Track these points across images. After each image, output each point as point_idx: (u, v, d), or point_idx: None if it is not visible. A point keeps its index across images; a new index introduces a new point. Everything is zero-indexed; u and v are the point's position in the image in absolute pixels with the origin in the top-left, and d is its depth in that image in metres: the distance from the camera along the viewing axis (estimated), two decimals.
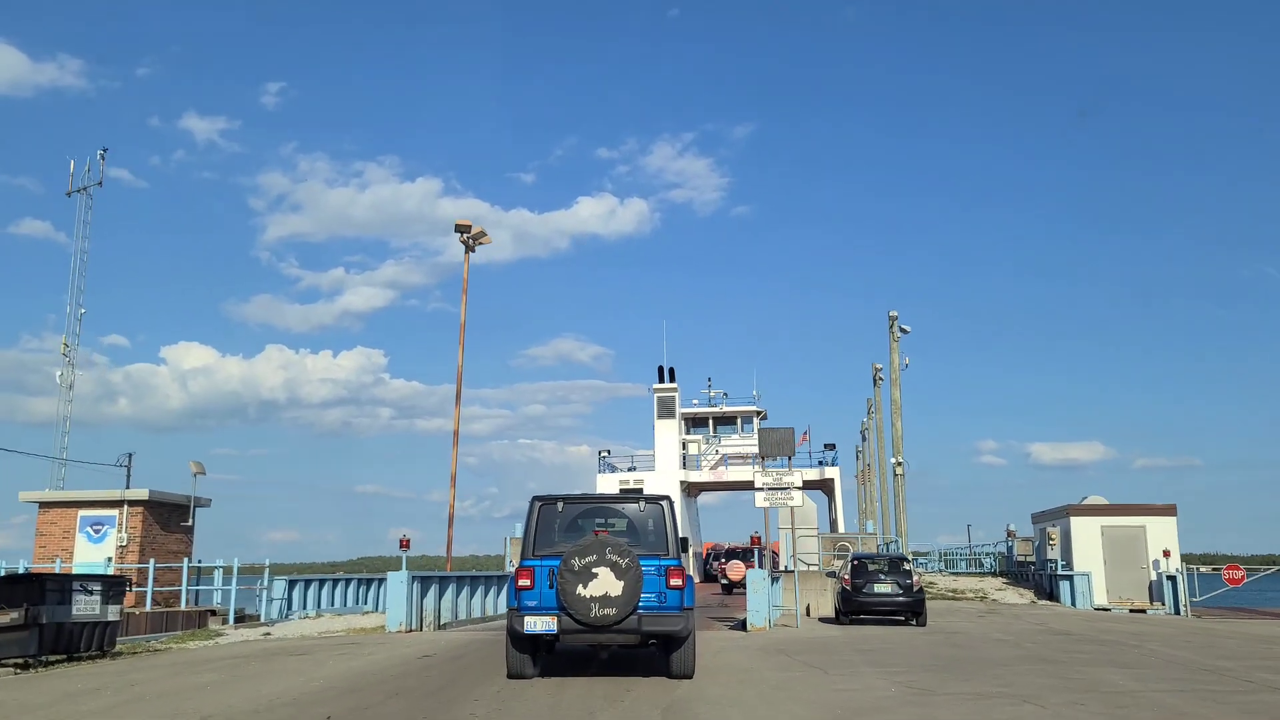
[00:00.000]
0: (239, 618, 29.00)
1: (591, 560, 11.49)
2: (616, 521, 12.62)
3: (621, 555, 11.52)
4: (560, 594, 11.53)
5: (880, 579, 24.14)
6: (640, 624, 11.63)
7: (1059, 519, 36.14)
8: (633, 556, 11.59)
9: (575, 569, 11.46)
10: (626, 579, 11.47)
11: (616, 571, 11.47)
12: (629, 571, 11.49)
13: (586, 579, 11.44)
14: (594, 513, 12.80)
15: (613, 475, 56.26)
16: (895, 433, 42.33)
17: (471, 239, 31.05)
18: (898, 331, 42.94)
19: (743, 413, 60.01)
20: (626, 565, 11.49)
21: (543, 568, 11.81)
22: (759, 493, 22.98)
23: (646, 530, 12.41)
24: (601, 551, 11.52)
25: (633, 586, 11.49)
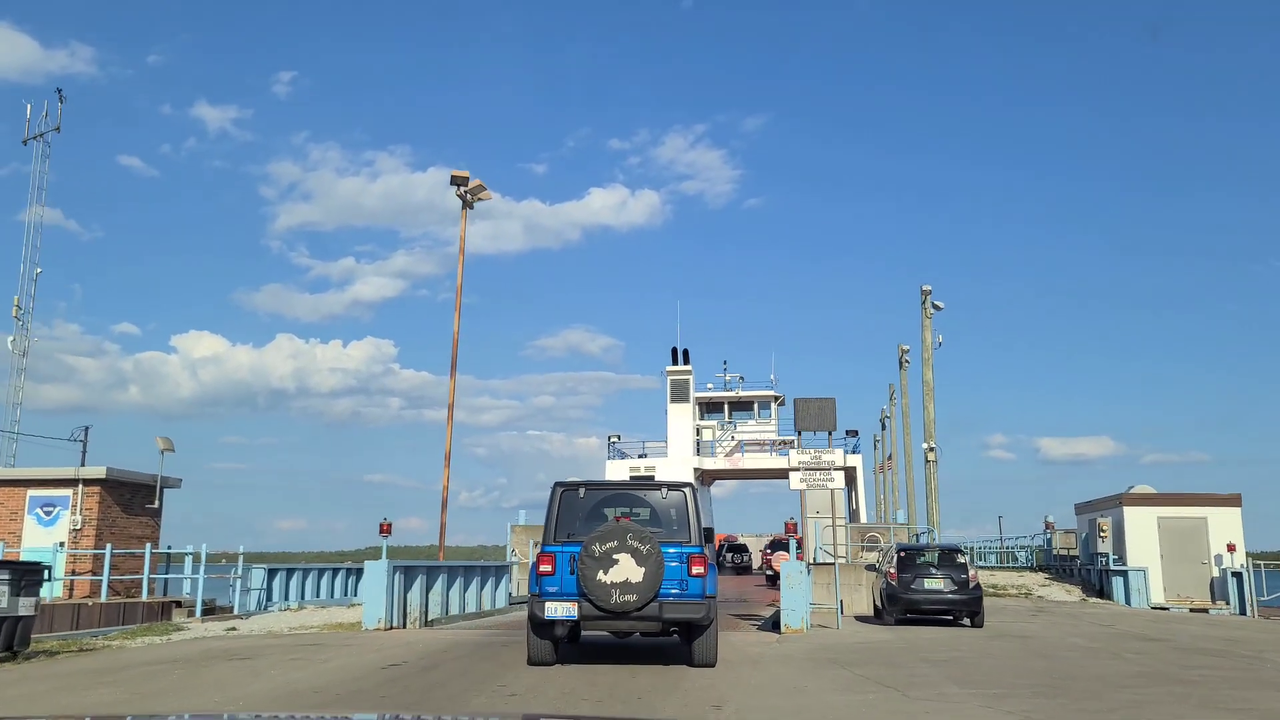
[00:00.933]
0: (208, 610, 25.93)
1: (613, 546, 11.26)
2: (639, 508, 12.35)
3: (643, 541, 11.25)
4: (581, 580, 11.33)
5: (931, 573, 20.91)
6: (661, 611, 11.38)
7: (1110, 509, 32.81)
8: (654, 542, 11.32)
9: (596, 555, 11.25)
10: (648, 565, 11.21)
11: (638, 558, 11.21)
12: (650, 558, 11.23)
13: (607, 565, 11.23)
14: (616, 499, 12.57)
15: (623, 462, 53.04)
16: (927, 416, 39.01)
17: (469, 193, 27.85)
18: (930, 308, 39.60)
19: (760, 398, 56.74)
20: (648, 551, 11.21)
21: (564, 554, 11.65)
22: (794, 473, 19.82)
23: (669, 517, 12.12)
24: (623, 537, 11.28)
25: (654, 573, 11.24)
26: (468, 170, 27.33)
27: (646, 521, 12.13)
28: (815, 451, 20.05)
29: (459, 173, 27.29)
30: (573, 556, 11.59)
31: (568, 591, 11.57)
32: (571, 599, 11.52)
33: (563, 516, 12.16)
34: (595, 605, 11.37)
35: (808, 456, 19.80)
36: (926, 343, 39.46)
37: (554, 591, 11.65)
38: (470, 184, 27.63)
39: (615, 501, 12.55)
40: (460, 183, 27.44)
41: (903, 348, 50.58)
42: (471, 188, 27.73)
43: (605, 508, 12.33)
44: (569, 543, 11.80)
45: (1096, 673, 12.53)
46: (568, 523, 12.11)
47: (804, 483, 19.80)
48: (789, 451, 19.41)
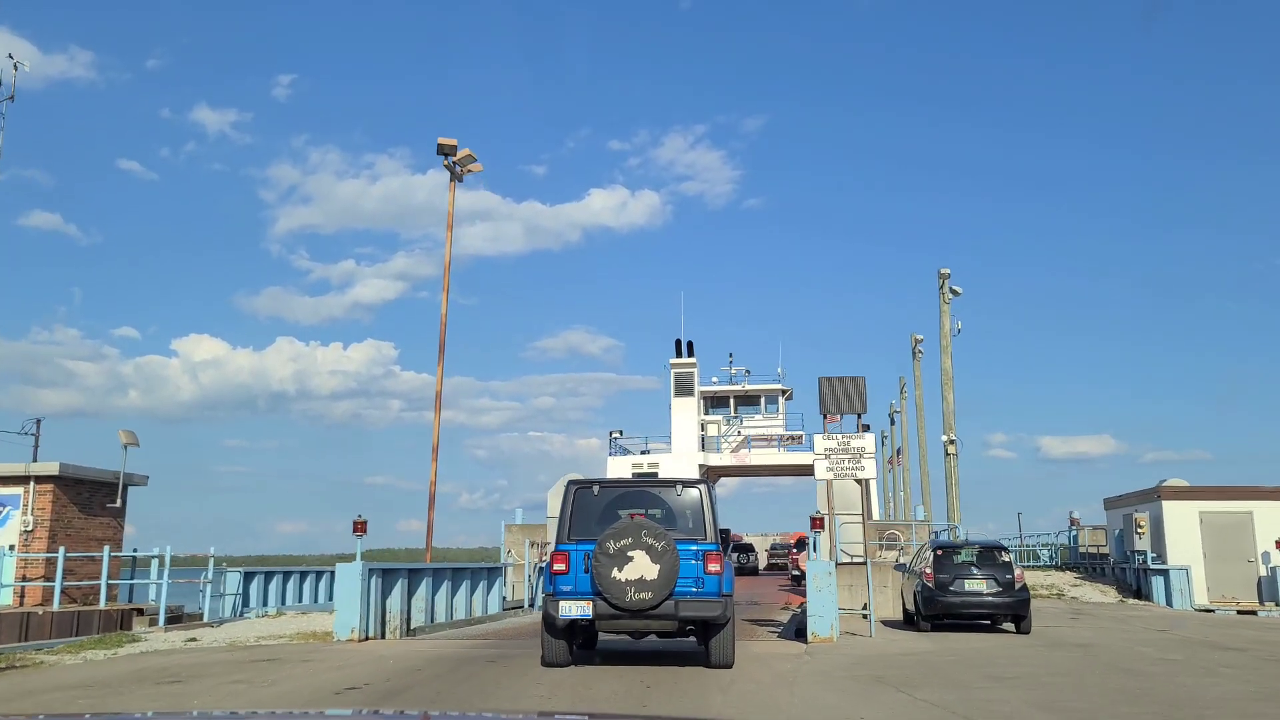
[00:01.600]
0: (174, 618, 23.66)
1: (627, 543, 11.05)
2: (653, 506, 12.06)
3: (657, 538, 11.04)
4: (595, 578, 11.12)
5: (972, 573, 18.60)
6: (677, 609, 11.17)
7: (1147, 503, 30.47)
8: (669, 540, 11.09)
9: (610, 552, 11.06)
10: (663, 563, 11.00)
11: (652, 555, 10.98)
12: (665, 555, 11.02)
13: (622, 562, 11.03)
14: (630, 497, 12.26)
15: (624, 459, 50.72)
16: (946, 406, 36.72)
17: (457, 163, 25.55)
18: (948, 292, 37.32)
19: (767, 391, 54.37)
20: (663, 548, 10.99)
21: (578, 552, 11.44)
22: (820, 461, 17.55)
23: (684, 515, 11.85)
24: (637, 534, 11.08)
25: (669, 570, 11.04)
26: (455, 140, 24.97)
27: (661, 519, 11.80)
28: (843, 436, 17.76)
29: (446, 140, 24.99)
30: (587, 555, 11.34)
31: (582, 590, 11.33)
32: (586, 598, 11.27)
33: (577, 515, 11.88)
34: (610, 604, 11.13)
35: (834, 442, 17.52)
36: (945, 329, 37.17)
37: (568, 590, 11.41)
38: (459, 154, 25.33)
39: (629, 499, 12.21)
40: (447, 152, 25.14)
41: (916, 337, 48.35)
42: (460, 158, 25.44)
43: (619, 506, 12.01)
44: (583, 541, 11.52)
45: (1201, 695, 10.25)
46: (582, 521, 11.82)
47: (831, 471, 17.54)
48: (815, 437, 17.09)
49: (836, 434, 17.97)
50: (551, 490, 33.89)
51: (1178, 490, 30.04)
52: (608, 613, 11.23)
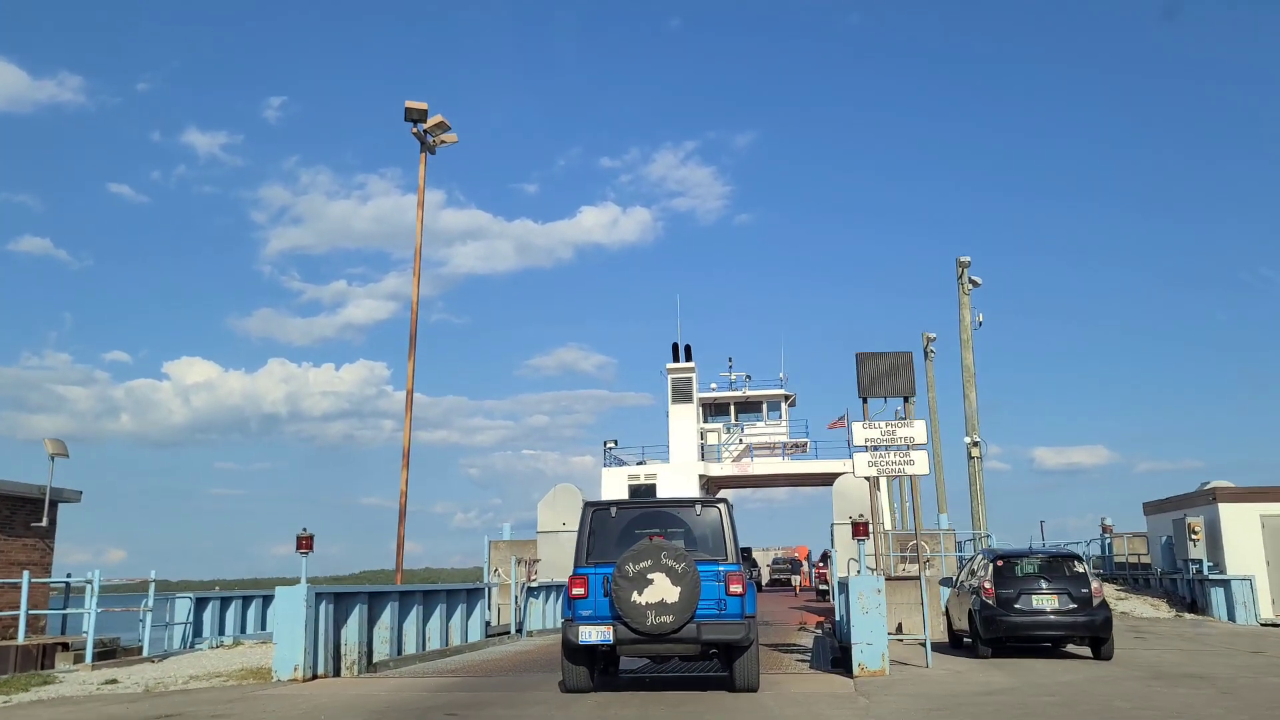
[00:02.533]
0: (107, 652, 20.43)
1: (646, 566, 10.74)
2: (673, 527, 11.69)
3: (678, 560, 10.75)
4: (615, 602, 10.85)
5: (1040, 587, 15.50)
6: (699, 632, 10.86)
7: (1200, 506, 27.40)
8: (689, 561, 10.82)
9: (630, 575, 10.77)
10: (684, 585, 10.68)
11: (673, 577, 10.65)
12: (686, 577, 10.71)
13: (642, 585, 10.72)
14: (649, 518, 11.90)
15: (620, 470, 47.62)
16: (968, 406, 33.65)
17: (428, 132, 22.48)
18: (967, 283, 34.32)
19: (769, 397, 51.29)
20: (683, 570, 10.71)
21: (596, 575, 11.20)
22: (860, 455, 14.48)
23: (704, 535, 11.52)
24: (657, 556, 10.77)
25: (690, 593, 10.72)
26: (425, 104, 21.91)
27: (681, 540, 11.46)
28: (888, 424, 14.68)
29: (415, 104, 21.91)
30: (606, 578, 11.12)
31: (602, 614, 11.11)
32: (606, 622, 11.03)
33: (594, 537, 11.64)
34: (631, 628, 10.85)
35: (877, 431, 14.45)
36: (965, 322, 34.14)
37: (587, 615, 11.16)
38: (429, 121, 22.26)
39: (648, 520, 11.86)
40: (416, 118, 22.06)
41: (928, 336, 45.38)
42: (431, 126, 22.36)
43: (638, 527, 11.66)
44: (601, 564, 11.33)
45: None
46: (600, 543, 11.58)
47: (874, 466, 14.47)
48: (854, 426, 14.03)
49: (879, 421, 14.87)
50: (542, 501, 30.82)
51: (1234, 492, 26.98)
52: (628, 637, 10.93)
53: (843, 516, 29.88)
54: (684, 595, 10.70)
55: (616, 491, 46.63)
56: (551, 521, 30.37)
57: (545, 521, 30.49)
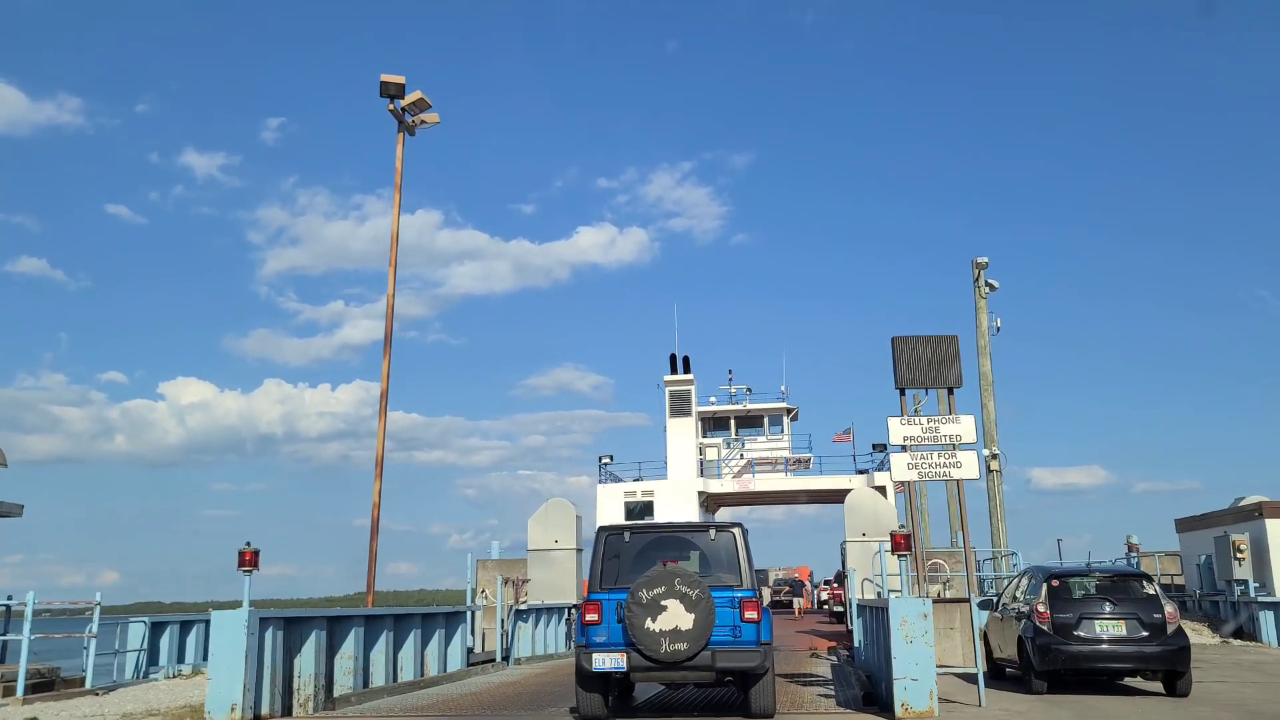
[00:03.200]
0: (43, 684, 18.15)
1: (660, 592, 10.53)
2: (687, 551, 11.58)
3: (692, 586, 10.52)
4: (629, 629, 10.59)
5: (1105, 611, 13.32)
6: (714, 660, 10.56)
7: (1243, 523, 25.23)
8: (704, 587, 10.58)
9: (643, 602, 10.54)
10: (697, 611, 10.43)
11: (687, 604, 10.43)
12: (700, 603, 10.46)
13: (655, 612, 10.48)
14: (663, 543, 11.68)
15: (616, 487, 45.34)
16: (987, 416, 31.52)
17: (405, 110, 20.41)
18: (984, 286, 32.28)
19: (770, 411, 49.10)
20: (697, 597, 10.48)
21: (610, 601, 10.94)
22: (898, 457, 12.35)
23: (719, 560, 11.30)
24: (670, 583, 10.54)
25: (704, 619, 10.46)
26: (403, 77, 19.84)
27: (695, 565, 11.38)
28: (930, 420, 12.53)
29: (391, 78, 19.81)
30: (619, 604, 10.81)
31: (615, 641, 10.82)
32: (620, 649, 10.74)
33: (608, 562, 11.40)
34: (644, 655, 10.56)
35: (917, 428, 12.30)
36: (982, 327, 32.06)
37: (601, 642, 10.88)
38: (408, 98, 20.18)
39: (662, 545, 11.66)
40: (393, 94, 19.96)
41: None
42: (410, 103, 20.28)
43: (652, 552, 11.49)
44: (615, 589, 11.06)
45: None
46: (613, 569, 11.35)
47: (914, 469, 12.33)
48: (890, 421, 11.90)
49: (919, 418, 12.69)
50: (532, 517, 28.56)
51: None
52: (642, 665, 10.71)
53: (855, 532, 27.72)
54: (698, 622, 10.44)
55: (612, 510, 44.46)
56: (543, 539, 28.12)
57: (536, 539, 28.24)
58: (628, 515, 44.64)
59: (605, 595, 11.05)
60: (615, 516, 44.47)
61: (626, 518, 44.54)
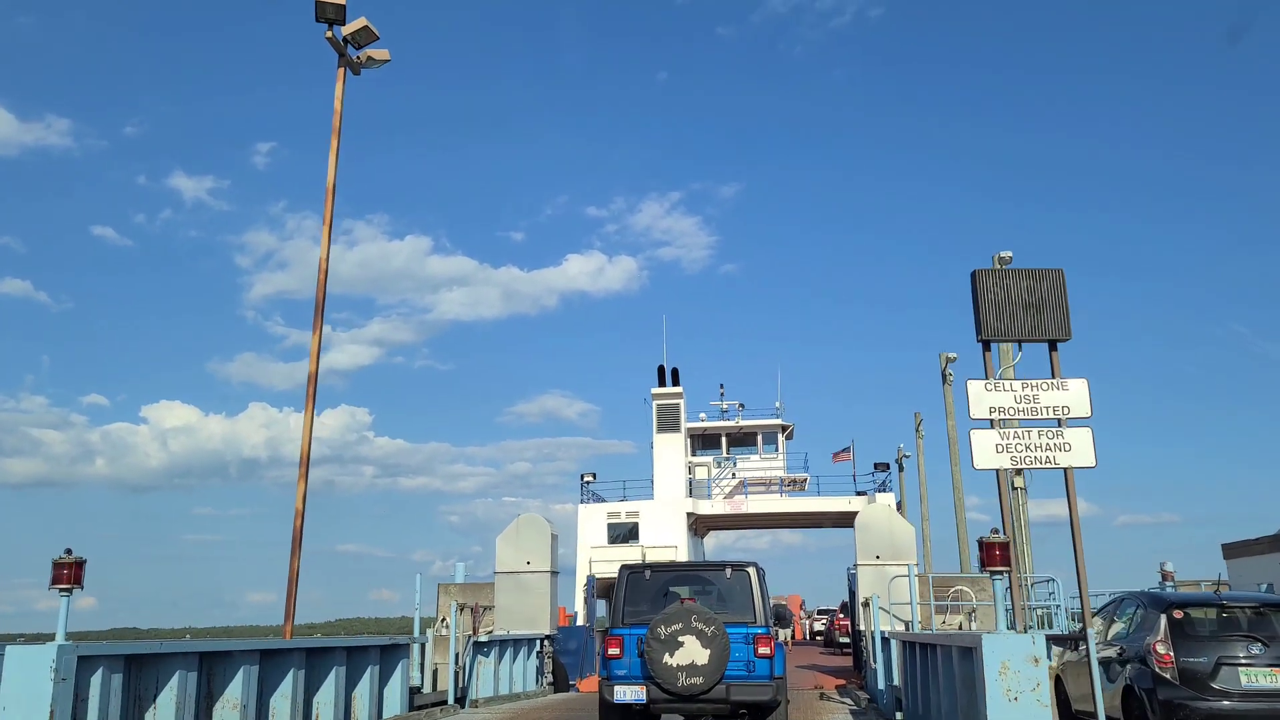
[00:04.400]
0: None
1: (678, 629, 10.95)
2: (704, 588, 11.97)
3: (707, 623, 10.94)
4: (647, 663, 11.02)
5: (1250, 655, 9.69)
6: (729, 693, 10.93)
7: None
8: (719, 624, 10.97)
9: (661, 637, 10.98)
10: (713, 647, 10.89)
11: (702, 640, 10.92)
12: (715, 640, 10.91)
13: (673, 648, 10.95)
14: (681, 580, 12.22)
15: (599, 507, 41.61)
16: None
17: (348, 41, 16.87)
18: None
19: (764, 428, 45.50)
20: (712, 633, 10.91)
21: (631, 636, 11.42)
22: (982, 435, 8.80)
23: (734, 597, 11.71)
24: (687, 619, 10.97)
25: (719, 655, 10.87)
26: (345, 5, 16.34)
27: (712, 602, 11.57)
28: (1028, 385, 8.98)
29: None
30: (640, 639, 11.18)
31: (635, 674, 11.22)
32: (640, 682, 11.15)
33: (629, 598, 11.80)
34: (662, 688, 10.91)
35: (1009, 396, 8.74)
36: None
37: (622, 675, 11.29)
38: (350, 26, 16.66)
39: (680, 582, 12.09)
40: (332, 18, 16.42)
41: (947, 356, 39.63)
42: (353, 32, 16.75)
43: (670, 588, 11.89)
44: (636, 625, 11.42)
45: None
46: (634, 605, 11.73)
47: (1006, 453, 8.79)
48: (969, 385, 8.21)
49: (1011, 381, 9.10)
50: (501, 535, 24.83)
51: None
52: (660, 698, 11.02)
53: (868, 555, 24.08)
54: (713, 657, 10.80)
55: (595, 532, 40.75)
56: (513, 560, 24.37)
57: (505, 560, 24.48)
58: (611, 538, 40.93)
59: (627, 630, 11.41)
60: (598, 538, 40.76)
61: (610, 540, 40.83)
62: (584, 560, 39.48)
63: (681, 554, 40.40)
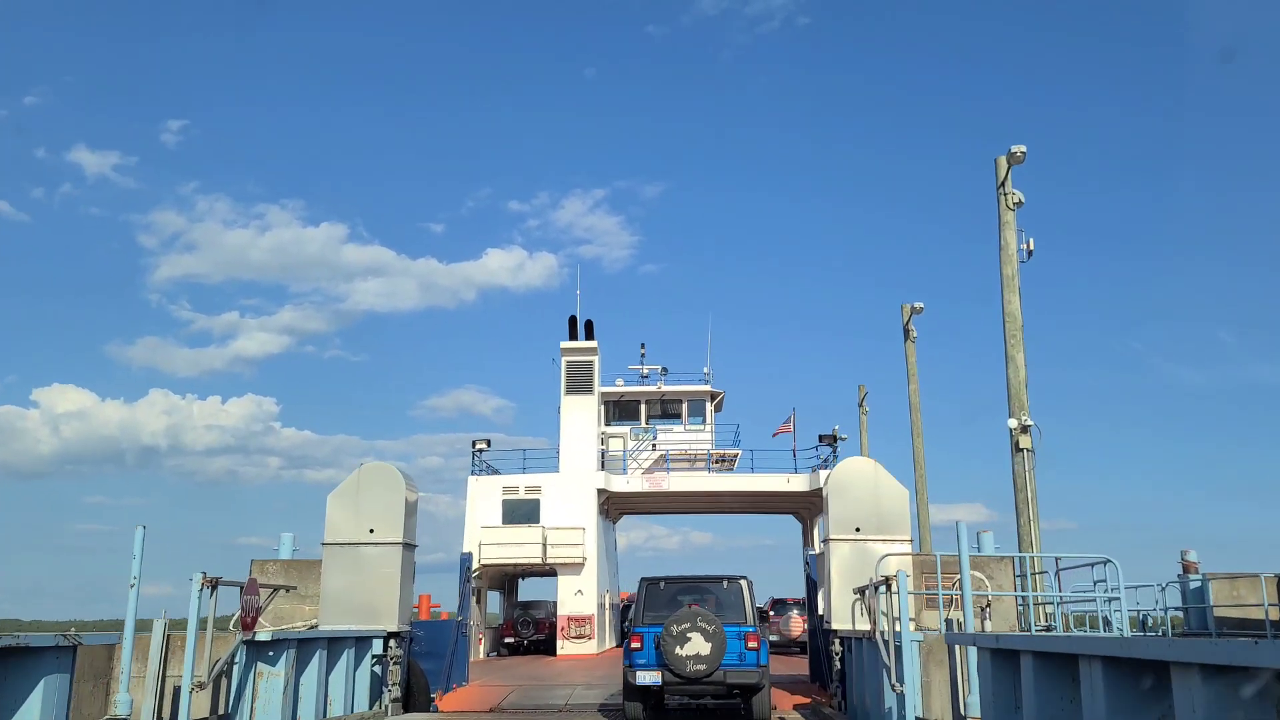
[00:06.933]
0: None
1: (686, 627, 13.62)
2: (706, 595, 14.88)
3: (709, 623, 13.64)
4: (663, 654, 13.68)
5: None
6: (725, 677, 13.76)
7: None
8: (718, 624, 13.70)
9: (674, 634, 13.63)
10: (714, 642, 13.56)
11: (705, 636, 13.57)
12: (716, 636, 13.58)
13: (683, 642, 13.58)
14: (688, 589, 15.09)
15: (493, 480, 34.08)
16: (1016, 378, 21.39)
17: None
18: (1011, 198, 22.20)
19: (690, 394, 38.48)
20: (714, 631, 13.60)
21: (649, 633, 14.10)
22: None
23: (730, 602, 14.77)
24: (694, 620, 13.65)
25: (719, 647, 13.58)
26: None
27: (712, 606, 14.48)
28: None
29: None
30: (656, 635, 13.83)
31: (652, 663, 13.89)
32: (656, 669, 13.82)
33: (648, 603, 14.82)
34: (674, 674, 13.59)
35: None
36: (1009, 251, 21.99)
37: (643, 663, 13.98)
38: None
39: (688, 591, 15.04)
40: None
41: (912, 307, 32.87)
42: None
43: (679, 595, 14.89)
44: (653, 624, 14.22)
45: None
46: (652, 608, 14.71)
47: None
48: None
49: None
50: (335, 492, 17.24)
51: None
52: (672, 681, 13.73)
53: (845, 526, 17.10)
54: (714, 649, 13.53)
55: (488, 509, 33.22)
56: (350, 526, 16.81)
57: (338, 526, 16.90)
58: (507, 517, 33.40)
59: (646, 629, 14.25)
60: (491, 517, 33.18)
61: (505, 520, 33.28)
62: (473, 544, 31.93)
63: (590, 538, 33.09)
